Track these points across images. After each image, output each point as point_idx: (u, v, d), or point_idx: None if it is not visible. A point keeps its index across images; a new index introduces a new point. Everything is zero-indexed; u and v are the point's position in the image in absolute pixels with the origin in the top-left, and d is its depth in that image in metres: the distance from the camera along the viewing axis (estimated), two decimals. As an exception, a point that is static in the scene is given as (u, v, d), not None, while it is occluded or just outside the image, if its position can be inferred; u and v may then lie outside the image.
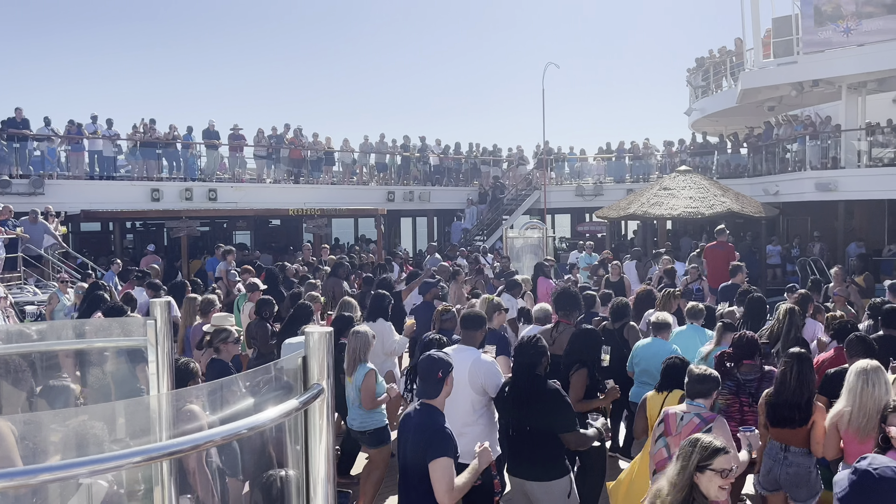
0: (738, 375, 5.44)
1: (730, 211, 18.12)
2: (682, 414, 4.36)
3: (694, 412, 4.34)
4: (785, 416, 4.72)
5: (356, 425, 5.99)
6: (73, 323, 2.26)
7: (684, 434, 4.19)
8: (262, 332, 7.63)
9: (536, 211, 25.10)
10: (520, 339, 4.99)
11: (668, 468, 3.23)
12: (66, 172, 18.08)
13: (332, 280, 11.23)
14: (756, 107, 22.72)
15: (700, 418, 4.30)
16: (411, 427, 3.94)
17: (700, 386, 4.42)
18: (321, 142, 22.82)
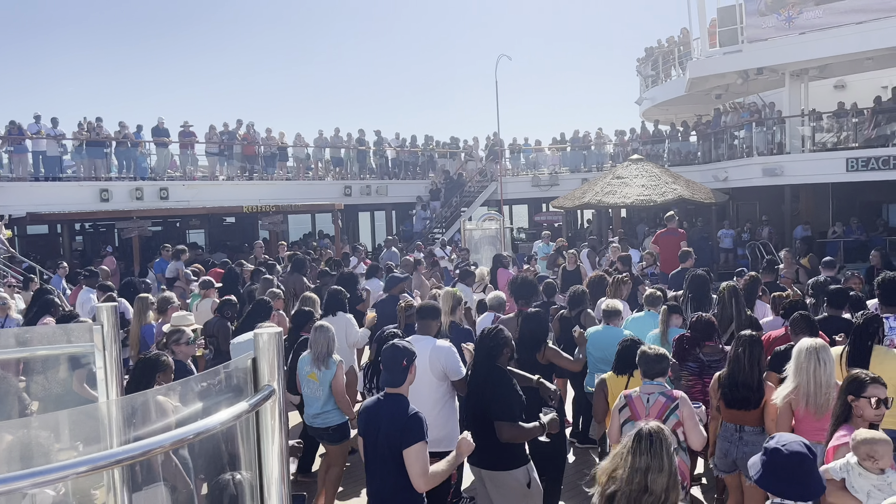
0: (701, 357, 5.57)
1: (681, 198, 18.46)
2: (646, 396, 4.44)
3: (658, 391, 4.44)
4: (740, 397, 4.84)
5: (319, 422, 5.91)
6: (15, 331, 2.20)
7: (653, 415, 4.30)
8: (223, 331, 7.53)
9: (494, 202, 25.23)
10: (481, 329, 5.00)
11: None
12: (10, 174, 17.54)
13: (293, 276, 11.13)
14: (704, 95, 23.18)
15: (665, 397, 4.42)
16: (382, 417, 3.93)
17: (658, 365, 4.53)
18: (275, 137, 22.54)
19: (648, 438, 3.06)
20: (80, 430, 1.62)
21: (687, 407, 4.40)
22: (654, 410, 4.35)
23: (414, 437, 3.79)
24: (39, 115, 18.21)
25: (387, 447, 3.87)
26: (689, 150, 24.09)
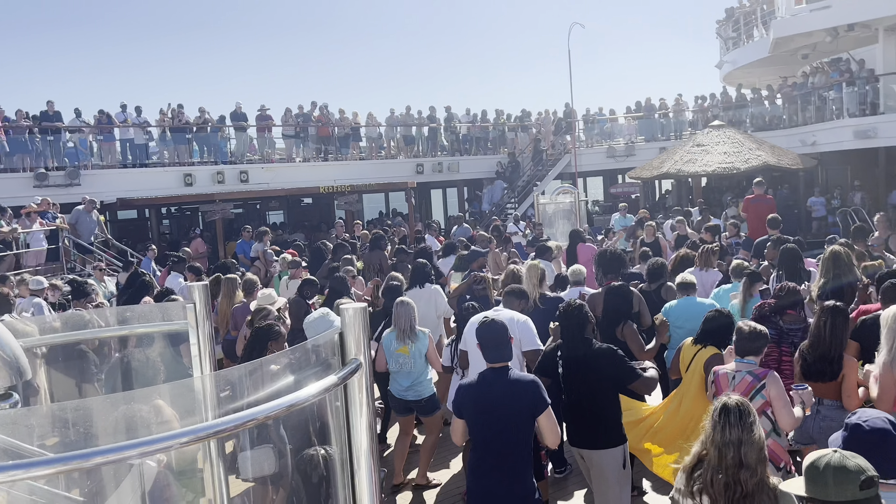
0: (781, 324, 5.38)
1: (766, 164, 17.74)
2: (733, 373, 4.30)
3: (745, 370, 4.28)
4: (817, 369, 4.67)
5: (412, 395, 6.03)
6: (116, 310, 2.31)
7: (738, 393, 4.14)
8: (298, 310, 7.73)
9: (568, 175, 24.85)
10: (564, 303, 4.96)
11: None
12: (100, 162, 18.39)
13: (374, 253, 11.33)
14: (789, 55, 22.08)
15: (752, 376, 4.24)
16: (496, 392, 3.90)
17: (751, 343, 4.34)
18: (348, 118, 22.81)
19: (737, 411, 2.98)
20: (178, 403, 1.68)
21: (775, 386, 4.17)
22: (738, 389, 4.18)
23: (545, 401, 3.93)
24: (126, 105, 19.01)
25: (506, 421, 3.86)
26: (774, 114, 23.05)
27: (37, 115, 17.58)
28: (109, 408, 1.56)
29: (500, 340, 4.03)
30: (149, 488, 2.07)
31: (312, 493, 2.06)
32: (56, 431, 1.47)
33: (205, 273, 9.85)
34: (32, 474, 1.37)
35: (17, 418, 1.52)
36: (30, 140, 17.04)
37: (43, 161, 17.07)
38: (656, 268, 7.33)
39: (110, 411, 1.55)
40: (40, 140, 17.26)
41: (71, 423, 1.47)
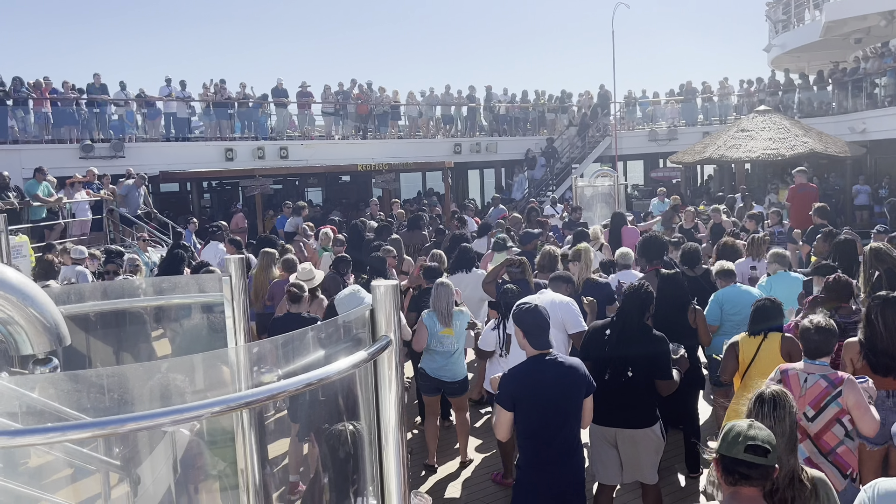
0: (837, 318, 5.23)
1: (812, 151, 17.30)
2: (804, 375, 4.00)
3: (819, 373, 3.97)
4: (884, 364, 4.46)
5: (447, 375, 6.07)
6: (152, 280, 2.35)
7: (810, 398, 3.94)
8: (333, 286, 7.79)
9: (607, 158, 24.52)
10: (629, 285, 4.98)
11: None
12: (144, 135, 18.70)
13: (412, 233, 11.36)
14: (841, 40, 21.42)
15: (827, 381, 3.93)
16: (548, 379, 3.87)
17: (824, 343, 4.03)
18: (388, 95, 22.80)
19: (771, 402, 2.96)
20: (212, 374, 1.71)
21: (853, 393, 3.87)
22: (811, 393, 3.93)
23: (592, 384, 4.00)
24: (170, 79, 19.26)
25: (561, 408, 3.87)
26: (823, 101, 22.40)
27: (83, 88, 17.91)
28: (144, 375, 1.59)
29: (546, 326, 3.99)
30: (181, 456, 2.12)
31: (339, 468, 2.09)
32: (93, 397, 1.51)
33: (244, 247, 9.98)
34: (69, 437, 1.41)
35: (56, 382, 1.56)
36: (76, 112, 17.39)
37: (89, 133, 17.42)
38: (692, 252, 7.20)
39: (145, 379, 1.58)
40: (87, 112, 17.61)
41: (107, 389, 1.50)
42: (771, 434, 2.64)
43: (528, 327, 3.98)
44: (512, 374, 4.01)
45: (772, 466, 2.59)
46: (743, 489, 2.62)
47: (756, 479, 2.60)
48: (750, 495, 2.62)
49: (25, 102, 16.83)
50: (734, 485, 2.62)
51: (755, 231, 9.41)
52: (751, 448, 2.58)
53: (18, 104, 16.66)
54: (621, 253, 7.66)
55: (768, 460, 2.57)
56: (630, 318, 4.65)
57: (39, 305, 1.65)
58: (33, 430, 1.31)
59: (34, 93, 16.86)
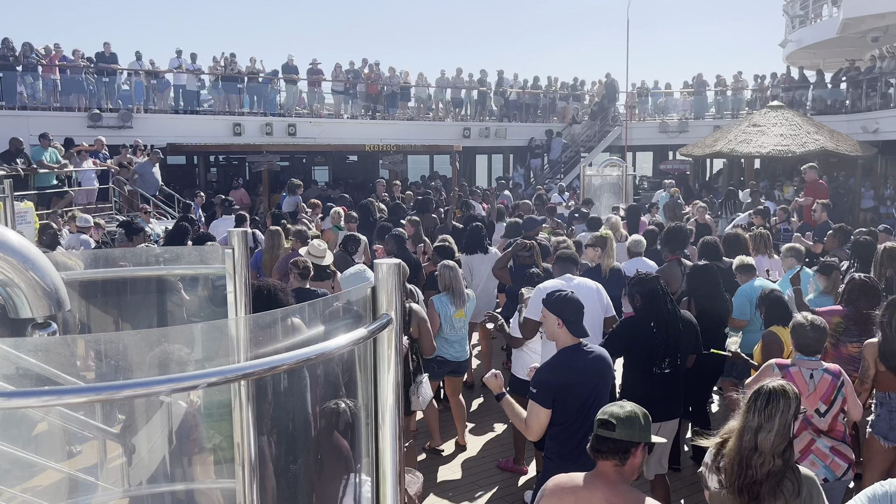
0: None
1: (823, 149, 17.18)
2: (809, 371, 4.07)
3: (820, 368, 4.09)
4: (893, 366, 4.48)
5: (457, 355, 6.13)
6: (155, 250, 2.34)
7: (821, 393, 4.01)
8: (343, 264, 7.79)
9: (617, 148, 24.41)
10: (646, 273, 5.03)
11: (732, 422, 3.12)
12: (153, 106, 18.66)
13: (424, 216, 11.36)
14: (858, 38, 21.21)
15: (830, 374, 4.07)
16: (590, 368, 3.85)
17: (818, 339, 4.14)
18: (398, 76, 22.67)
19: (766, 398, 2.97)
20: (211, 345, 1.70)
21: (848, 381, 4.11)
22: (821, 388, 4.01)
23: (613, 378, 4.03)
24: (181, 50, 19.18)
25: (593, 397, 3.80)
26: (837, 98, 22.22)
27: (92, 58, 17.85)
28: (143, 343, 1.58)
29: (583, 314, 3.94)
30: (176, 427, 2.11)
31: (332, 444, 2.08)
32: (90, 362, 1.50)
33: (248, 221, 9.97)
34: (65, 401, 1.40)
35: (53, 347, 1.55)
36: (85, 81, 17.34)
37: (97, 102, 17.38)
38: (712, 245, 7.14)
39: (144, 347, 1.57)
40: (95, 81, 17.56)
41: (104, 354, 1.49)
42: (634, 410, 2.74)
43: (569, 315, 3.86)
44: (550, 368, 3.88)
45: (624, 441, 2.69)
46: (600, 464, 2.75)
47: (606, 453, 2.72)
48: (604, 470, 2.74)
49: (35, 69, 16.78)
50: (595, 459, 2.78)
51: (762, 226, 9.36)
52: (600, 423, 2.73)
53: (28, 70, 16.61)
54: (634, 241, 7.70)
55: (616, 433, 2.68)
56: (673, 310, 4.73)
57: (40, 269, 1.64)
58: (30, 393, 1.30)
59: (44, 59, 16.80)
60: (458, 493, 5.69)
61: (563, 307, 3.86)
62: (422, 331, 5.39)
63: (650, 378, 4.57)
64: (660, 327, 4.59)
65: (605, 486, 2.72)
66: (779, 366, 4.16)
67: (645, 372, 4.59)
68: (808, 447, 4.02)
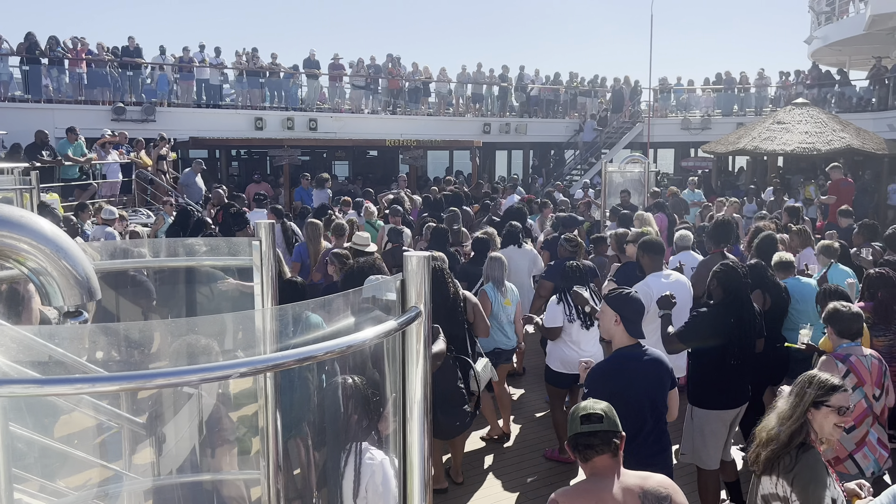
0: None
1: (849, 147, 16.94)
2: (861, 358, 4.17)
3: (868, 353, 4.19)
4: None
5: (505, 343, 6.29)
6: (183, 241, 2.34)
7: (875, 377, 4.11)
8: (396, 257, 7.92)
9: (638, 145, 24.23)
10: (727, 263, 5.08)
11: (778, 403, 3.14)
12: (177, 100, 18.78)
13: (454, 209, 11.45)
14: (886, 34, 20.86)
15: (877, 360, 4.19)
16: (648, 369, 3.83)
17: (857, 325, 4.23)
18: (420, 71, 22.65)
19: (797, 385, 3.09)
20: (239, 336, 1.70)
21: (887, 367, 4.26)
22: (874, 372, 4.11)
23: (675, 380, 3.97)
24: (204, 45, 19.29)
25: (649, 400, 3.78)
26: (863, 96, 21.89)
27: (117, 51, 18.00)
28: (172, 333, 1.58)
29: (642, 315, 3.94)
30: (206, 418, 2.12)
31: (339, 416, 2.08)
32: (120, 351, 1.50)
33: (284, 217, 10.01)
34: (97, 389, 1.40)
35: (84, 335, 1.56)
36: (108, 74, 17.49)
37: (121, 95, 17.52)
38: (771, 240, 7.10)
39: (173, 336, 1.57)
40: (119, 75, 17.71)
41: (136, 343, 1.49)
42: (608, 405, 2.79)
43: (629, 314, 3.85)
44: (602, 371, 3.87)
45: (612, 431, 2.71)
46: (596, 461, 2.72)
47: (600, 446, 2.70)
48: (604, 464, 2.71)
49: (61, 62, 16.95)
50: (585, 461, 2.74)
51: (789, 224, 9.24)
52: (584, 418, 2.72)
53: (53, 63, 16.79)
54: (680, 235, 7.71)
55: (604, 425, 2.70)
56: (747, 298, 4.84)
57: (72, 258, 1.65)
58: (62, 380, 1.31)
59: (70, 53, 16.97)
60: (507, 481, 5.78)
61: (624, 305, 3.86)
62: (476, 314, 5.57)
63: (724, 368, 4.66)
64: (739, 322, 4.67)
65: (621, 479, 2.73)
66: (837, 358, 4.17)
67: (720, 362, 4.66)
68: (864, 438, 4.06)
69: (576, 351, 5.76)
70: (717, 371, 4.63)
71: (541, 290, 6.97)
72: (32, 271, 1.57)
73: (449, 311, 5.20)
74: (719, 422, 4.70)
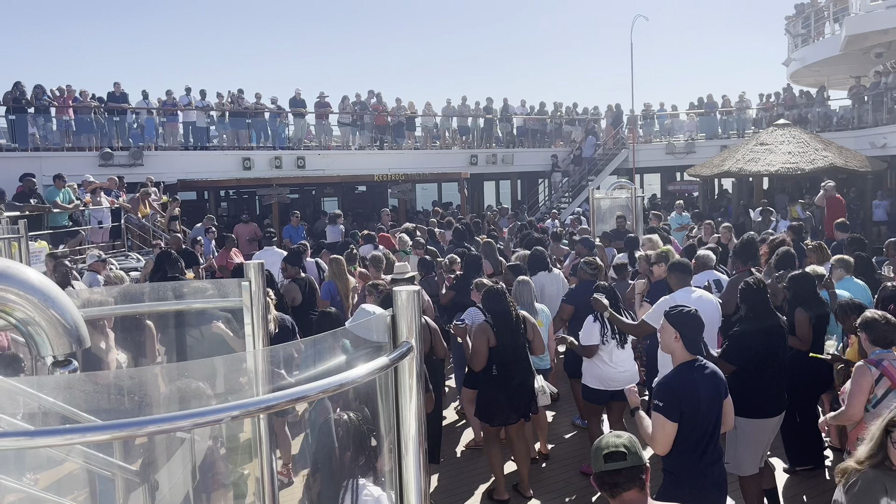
0: None
1: (832, 165, 17.14)
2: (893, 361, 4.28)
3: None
4: None
5: (538, 364, 6.36)
6: (172, 284, 2.34)
7: None
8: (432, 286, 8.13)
9: (624, 170, 24.43)
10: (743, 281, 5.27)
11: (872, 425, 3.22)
12: (163, 143, 18.84)
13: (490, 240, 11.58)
14: (862, 54, 21.22)
15: None
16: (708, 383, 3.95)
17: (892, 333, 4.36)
18: (405, 106, 22.86)
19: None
20: (230, 378, 1.69)
21: None
22: None
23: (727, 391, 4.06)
24: (190, 88, 19.43)
25: (708, 413, 3.88)
26: (843, 115, 22.21)
27: (103, 98, 18.09)
28: (163, 378, 1.57)
29: (701, 332, 4.06)
30: (199, 462, 2.09)
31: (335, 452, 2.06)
32: (112, 399, 1.49)
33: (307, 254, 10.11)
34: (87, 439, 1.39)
35: (75, 384, 1.55)
36: (95, 120, 17.55)
37: (108, 141, 17.57)
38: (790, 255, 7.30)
39: (164, 382, 1.56)
40: (106, 121, 17.78)
41: (126, 391, 1.48)
42: (631, 437, 2.78)
43: (688, 331, 3.97)
44: (673, 382, 3.94)
45: (637, 466, 2.70)
46: (625, 496, 2.72)
47: (627, 482, 2.70)
48: (632, 498, 2.72)
49: (47, 110, 17.01)
50: (613, 497, 2.74)
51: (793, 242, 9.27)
52: (608, 457, 2.71)
53: (39, 112, 16.85)
54: (703, 254, 7.79)
55: (628, 461, 2.69)
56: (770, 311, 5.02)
57: (60, 307, 1.64)
58: (52, 431, 1.30)
59: (56, 101, 17.04)
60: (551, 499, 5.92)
61: (684, 322, 3.98)
62: (535, 333, 5.89)
63: (763, 380, 4.86)
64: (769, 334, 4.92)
65: None
66: (870, 363, 4.29)
67: (760, 373, 4.86)
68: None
69: (612, 367, 5.95)
70: (757, 381, 4.83)
71: (562, 314, 7.16)
72: (20, 322, 1.57)
73: (513, 332, 5.59)
74: (761, 430, 4.90)
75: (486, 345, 5.52)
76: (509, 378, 5.54)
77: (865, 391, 4.23)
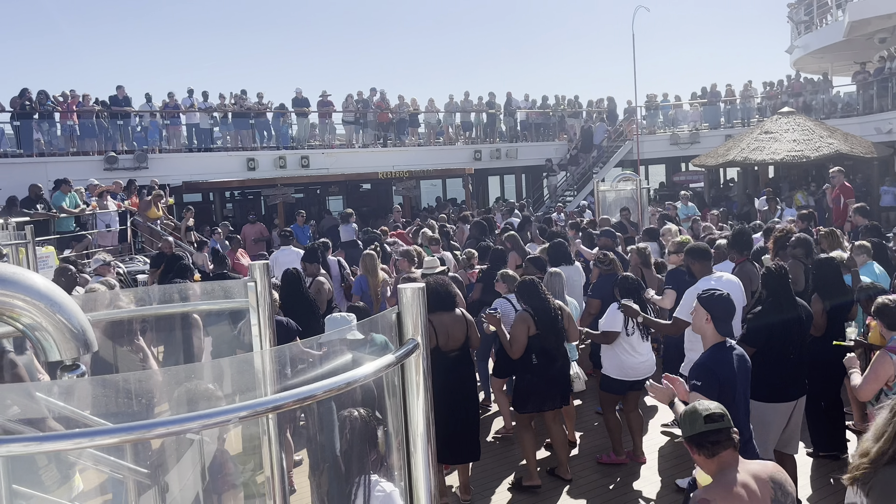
0: None
1: (838, 152, 17.06)
2: None
3: None
4: None
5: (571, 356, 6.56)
6: (178, 287, 2.34)
7: None
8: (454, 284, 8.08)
9: (629, 162, 24.36)
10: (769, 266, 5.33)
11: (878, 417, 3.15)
12: (167, 146, 18.88)
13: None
14: (865, 40, 21.13)
15: None
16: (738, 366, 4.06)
17: None
18: (407, 103, 22.84)
19: None
20: (238, 379, 1.69)
21: None
22: None
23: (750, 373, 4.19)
24: (192, 90, 19.45)
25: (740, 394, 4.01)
26: (847, 102, 22.09)
27: (106, 102, 18.12)
28: (171, 381, 1.58)
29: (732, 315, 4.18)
30: (208, 463, 2.10)
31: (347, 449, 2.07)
32: (120, 402, 1.49)
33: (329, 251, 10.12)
34: (97, 443, 1.39)
35: (82, 388, 1.56)
36: (98, 124, 17.59)
37: (112, 145, 17.61)
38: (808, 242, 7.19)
39: (172, 384, 1.57)
40: (109, 125, 17.81)
41: (134, 394, 1.49)
42: (718, 404, 3.02)
43: (720, 313, 4.11)
44: (710, 363, 4.06)
45: (732, 428, 2.94)
46: (724, 455, 2.91)
47: (726, 441, 2.91)
48: (731, 457, 2.92)
49: (51, 116, 17.07)
50: (712, 456, 2.92)
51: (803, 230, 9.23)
52: (708, 418, 2.91)
53: (44, 117, 16.90)
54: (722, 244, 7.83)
55: (725, 423, 2.92)
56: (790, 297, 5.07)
57: (67, 312, 1.65)
58: (61, 436, 1.30)
59: (60, 106, 17.09)
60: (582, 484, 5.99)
61: (715, 304, 4.13)
62: (570, 322, 6.08)
63: (784, 364, 4.92)
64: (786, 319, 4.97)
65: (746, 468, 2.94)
66: (891, 351, 4.28)
67: (776, 357, 4.91)
68: None
69: (634, 357, 6.07)
70: (773, 365, 4.89)
71: (590, 308, 7.23)
72: (27, 327, 1.57)
73: (553, 321, 5.78)
74: (776, 414, 4.95)
75: (525, 333, 5.67)
76: (550, 365, 5.73)
77: (882, 380, 4.22)
